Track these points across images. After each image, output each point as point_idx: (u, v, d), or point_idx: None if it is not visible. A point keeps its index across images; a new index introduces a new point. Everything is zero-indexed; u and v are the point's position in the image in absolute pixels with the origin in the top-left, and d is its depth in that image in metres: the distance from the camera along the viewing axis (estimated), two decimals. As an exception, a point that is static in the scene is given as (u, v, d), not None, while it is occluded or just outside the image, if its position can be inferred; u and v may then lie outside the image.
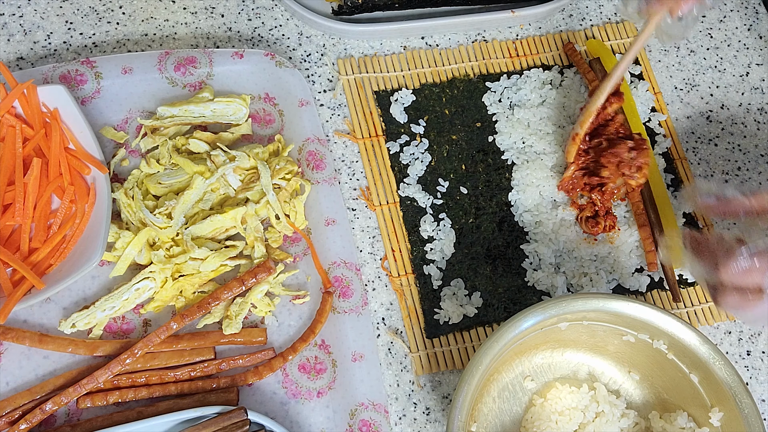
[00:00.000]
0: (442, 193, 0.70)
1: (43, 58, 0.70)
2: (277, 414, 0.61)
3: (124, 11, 0.74)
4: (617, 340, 0.61)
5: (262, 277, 0.62)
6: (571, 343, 0.63)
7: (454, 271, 0.68)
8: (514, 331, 0.56)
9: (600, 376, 0.64)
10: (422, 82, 0.75)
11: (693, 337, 0.57)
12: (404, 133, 0.72)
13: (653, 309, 0.57)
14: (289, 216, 0.66)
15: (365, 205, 0.69)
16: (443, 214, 0.69)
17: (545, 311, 0.56)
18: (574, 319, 0.58)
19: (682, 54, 0.81)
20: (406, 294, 0.67)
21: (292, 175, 0.66)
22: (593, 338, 0.62)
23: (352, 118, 0.72)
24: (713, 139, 0.78)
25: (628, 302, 0.57)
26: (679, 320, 0.57)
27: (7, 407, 0.57)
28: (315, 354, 0.63)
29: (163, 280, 0.62)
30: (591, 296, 0.58)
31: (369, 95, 0.73)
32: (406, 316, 0.66)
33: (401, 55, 0.76)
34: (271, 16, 0.76)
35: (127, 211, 0.63)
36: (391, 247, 0.68)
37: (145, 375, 0.59)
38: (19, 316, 0.61)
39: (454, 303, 0.66)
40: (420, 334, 0.65)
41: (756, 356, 0.69)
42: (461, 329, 0.66)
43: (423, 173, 0.71)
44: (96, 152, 0.62)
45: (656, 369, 0.61)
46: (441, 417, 0.63)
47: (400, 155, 0.71)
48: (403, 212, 0.69)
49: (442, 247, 0.68)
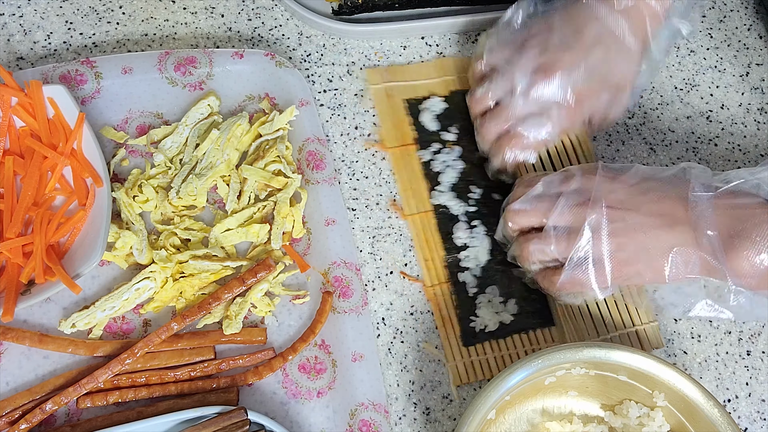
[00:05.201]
0: (475, 200, 0.70)
1: (43, 58, 0.70)
2: (277, 414, 0.61)
3: (124, 11, 0.74)
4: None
5: (262, 276, 0.62)
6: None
7: (488, 279, 0.67)
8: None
9: (549, 409, 0.63)
10: (451, 89, 0.75)
11: (603, 353, 0.57)
12: (436, 141, 0.72)
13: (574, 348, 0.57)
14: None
15: (365, 204, 0.69)
16: (477, 221, 0.69)
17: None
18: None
19: (682, 54, 0.81)
20: (440, 302, 0.66)
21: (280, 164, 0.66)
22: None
23: (382, 127, 0.72)
24: (713, 139, 0.78)
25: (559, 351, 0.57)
26: (595, 347, 0.57)
27: (7, 407, 0.57)
28: (315, 354, 0.63)
29: (163, 281, 0.62)
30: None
31: (399, 104, 0.73)
32: (441, 326, 0.66)
33: (429, 63, 0.76)
34: (271, 16, 0.76)
35: (127, 211, 0.64)
36: (423, 255, 0.68)
37: (145, 375, 0.59)
38: (19, 316, 0.61)
39: (490, 310, 0.66)
40: (456, 343, 0.65)
41: (756, 356, 0.69)
42: (497, 337, 0.66)
43: (456, 180, 0.71)
44: (96, 152, 0.62)
45: (587, 381, 0.61)
46: (441, 417, 0.63)
47: (432, 163, 0.71)
48: (436, 220, 0.69)
49: (476, 254, 0.68)
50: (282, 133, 0.68)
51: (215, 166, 0.66)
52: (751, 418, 0.67)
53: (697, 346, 0.68)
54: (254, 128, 0.68)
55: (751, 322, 0.70)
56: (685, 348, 0.68)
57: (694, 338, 0.68)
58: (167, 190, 0.65)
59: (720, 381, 0.67)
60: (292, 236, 0.66)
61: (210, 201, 0.67)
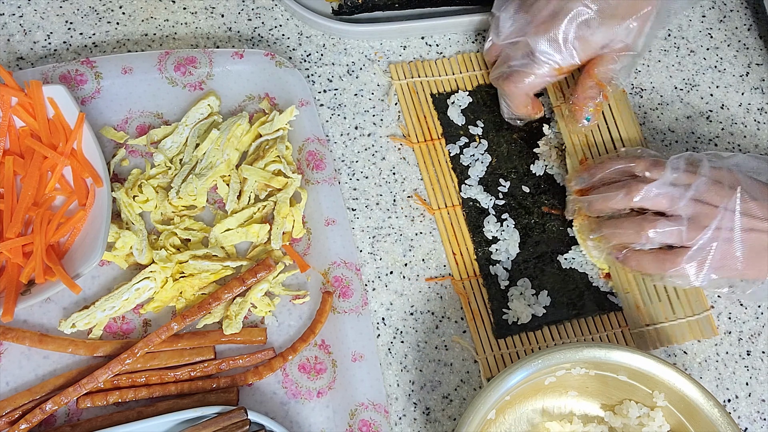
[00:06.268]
0: (504, 193, 0.70)
1: (43, 58, 0.70)
2: (277, 414, 0.61)
3: (124, 11, 0.74)
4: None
5: (262, 276, 0.62)
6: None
7: (520, 271, 0.68)
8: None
9: (549, 409, 0.63)
10: (475, 84, 0.75)
11: (603, 353, 0.57)
12: (463, 135, 0.72)
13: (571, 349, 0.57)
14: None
15: (365, 204, 0.69)
16: (506, 215, 0.69)
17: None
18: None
19: (682, 54, 0.81)
20: (470, 296, 0.66)
21: (281, 164, 0.66)
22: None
23: (407, 122, 0.72)
24: (713, 139, 0.78)
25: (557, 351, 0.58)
26: (594, 347, 0.58)
27: (7, 407, 0.57)
28: (315, 354, 0.63)
29: (163, 281, 0.62)
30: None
31: (424, 99, 0.73)
32: (471, 319, 0.66)
33: (453, 58, 0.76)
34: (271, 16, 0.76)
35: (127, 211, 0.64)
36: (452, 250, 0.68)
37: (145, 375, 0.59)
38: (19, 316, 0.61)
39: (522, 303, 0.66)
40: (486, 336, 0.65)
41: (756, 356, 0.69)
42: (530, 329, 0.66)
43: (484, 174, 0.71)
44: (96, 152, 0.62)
45: (587, 381, 0.61)
46: (441, 417, 0.63)
47: (460, 157, 0.72)
48: (465, 214, 0.69)
49: (507, 247, 0.68)
50: (282, 133, 0.68)
51: (215, 166, 0.66)
52: (751, 418, 0.66)
53: (697, 346, 0.68)
54: (254, 128, 0.68)
55: (752, 322, 0.70)
56: (685, 348, 0.68)
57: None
58: (167, 190, 0.65)
59: (720, 381, 0.67)
60: (292, 236, 0.66)
61: (210, 201, 0.67)
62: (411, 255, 0.68)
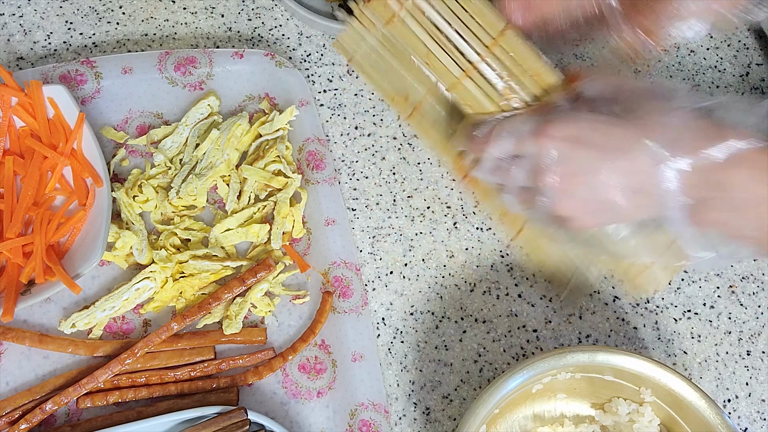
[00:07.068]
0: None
1: (43, 58, 0.70)
2: (277, 414, 0.61)
3: (124, 11, 0.74)
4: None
5: (262, 276, 0.62)
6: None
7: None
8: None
9: (540, 414, 0.63)
10: None
11: (586, 356, 0.58)
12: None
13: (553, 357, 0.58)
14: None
15: (365, 204, 0.69)
16: None
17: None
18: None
19: (682, 54, 0.81)
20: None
21: (281, 164, 0.66)
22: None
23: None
24: (713, 139, 0.78)
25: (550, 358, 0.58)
26: (578, 352, 0.58)
27: (7, 407, 0.57)
28: (315, 354, 0.63)
29: (163, 281, 0.62)
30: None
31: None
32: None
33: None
34: (271, 16, 0.76)
35: (127, 211, 0.64)
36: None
37: (145, 375, 0.59)
38: (19, 316, 0.61)
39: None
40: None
41: (756, 356, 0.69)
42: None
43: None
44: (96, 152, 0.62)
45: (575, 384, 0.61)
46: (441, 417, 0.63)
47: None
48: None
49: None
50: (282, 133, 0.68)
51: (215, 166, 0.66)
52: (751, 418, 0.66)
53: (697, 346, 0.68)
54: (254, 128, 0.68)
55: (752, 322, 0.70)
56: (685, 348, 0.68)
57: (694, 338, 0.68)
58: (167, 190, 0.65)
59: (720, 381, 0.67)
60: (292, 236, 0.66)
61: (210, 201, 0.67)
62: (411, 255, 0.68)
